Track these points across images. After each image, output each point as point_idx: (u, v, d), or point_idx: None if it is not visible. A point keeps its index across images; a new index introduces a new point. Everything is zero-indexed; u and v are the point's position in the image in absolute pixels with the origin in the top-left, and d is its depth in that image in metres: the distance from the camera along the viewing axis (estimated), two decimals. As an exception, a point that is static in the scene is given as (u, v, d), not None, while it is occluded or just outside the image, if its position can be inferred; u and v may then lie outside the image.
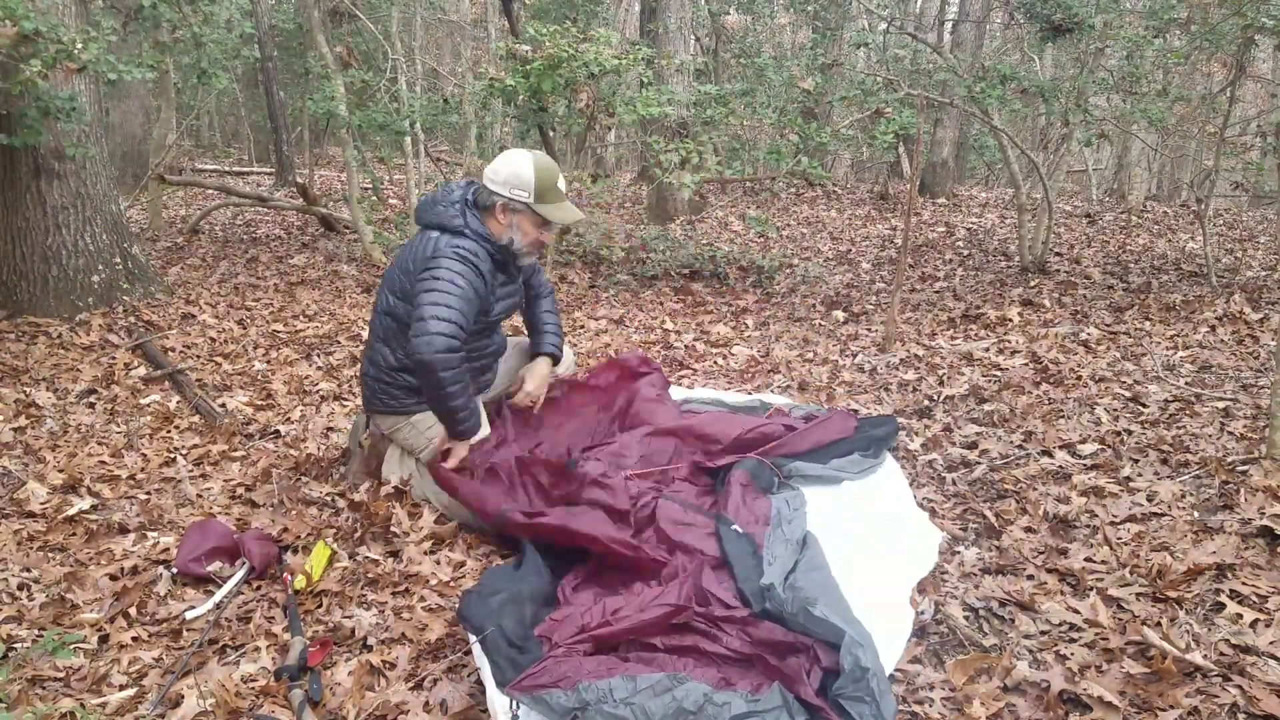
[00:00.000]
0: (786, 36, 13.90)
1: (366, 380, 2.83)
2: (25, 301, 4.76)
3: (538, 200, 2.67)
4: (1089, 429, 3.25)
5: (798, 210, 10.45)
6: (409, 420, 2.80)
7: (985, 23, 10.90)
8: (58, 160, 4.70)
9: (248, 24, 10.17)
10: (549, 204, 2.70)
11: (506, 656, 1.91)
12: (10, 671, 2.00)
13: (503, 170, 2.68)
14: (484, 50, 10.49)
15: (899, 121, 5.92)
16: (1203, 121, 8.16)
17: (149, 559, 2.53)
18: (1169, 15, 5.99)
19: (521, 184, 2.66)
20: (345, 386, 4.10)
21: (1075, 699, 1.84)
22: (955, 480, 2.91)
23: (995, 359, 4.30)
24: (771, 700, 1.77)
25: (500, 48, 5.62)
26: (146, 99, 10.09)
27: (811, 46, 9.81)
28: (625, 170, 14.68)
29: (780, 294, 6.14)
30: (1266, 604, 2.09)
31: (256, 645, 2.14)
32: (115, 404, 3.81)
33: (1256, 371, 3.88)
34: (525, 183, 2.65)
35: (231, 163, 14.92)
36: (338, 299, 5.74)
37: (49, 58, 3.80)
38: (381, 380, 2.78)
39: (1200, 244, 6.54)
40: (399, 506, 2.73)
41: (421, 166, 7.25)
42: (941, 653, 2.05)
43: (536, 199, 2.67)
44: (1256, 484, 2.61)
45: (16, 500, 2.87)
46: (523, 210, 2.69)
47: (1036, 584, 2.26)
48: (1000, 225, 9.10)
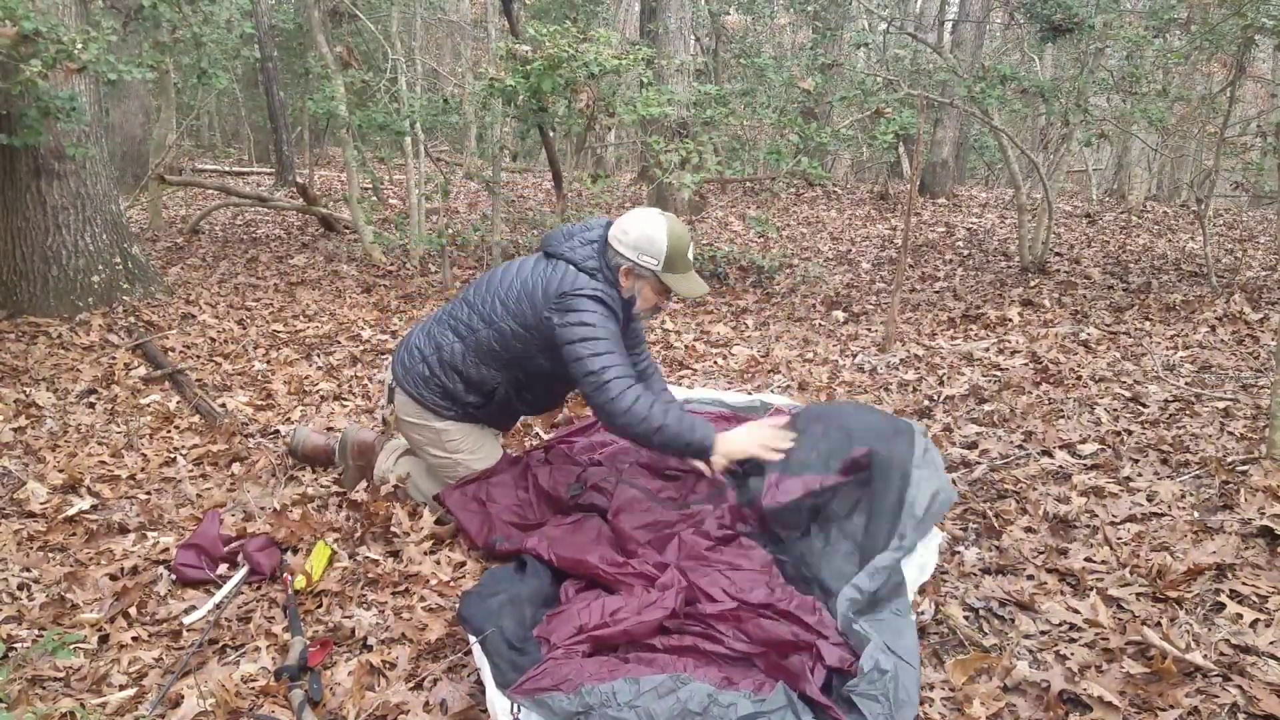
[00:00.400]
0: (786, 36, 13.90)
1: (412, 358, 2.70)
2: (25, 301, 4.76)
3: (665, 270, 2.53)
4: (1089, 429, 3.25)
5: (798, 210, 10.45)
6: (433, 425, 2.70)
7: (985, 23, 10.90)
8: (58, 160, 4.70)
9: (248, 24, 10.17)
10: (677, 274, 2.55)
11: (506, 658, 1.92)
12: (10, 671, 2.00)
13: (633, 232, 2.51)
14: (484, 50, 10.49)
15: (899, 121, 5.92)
16: (1203, 121, 8.16)
17: (149, 559, 2.53)
18: (1169, 15, 5.99)
19: (653, 252, 2.51)
20: (345, 386, 4.10)
21: (1075, 699, 1.84)
22: (955, 480, 2.90)
23: (995, 359, 4.30)
24: (776, 700, 1.77)
25: (500, 48, 5.61)
26: (146, 99, 10.09)
27: (811, 46, 9.82)
28: (625, 170, 14.67)
29: (780, 294, 6.14)
30: (1266, 604, 2.09)
31: (256, 645, 2.14)
32: (115, 404, 3.81)
33: (1256, 371, 3.88)
34: (657, 251, 2.50)
35: (231, 163, 14.92)
36: (338, 299, 5.74)
37: (49, 58, 3.80)
38: (431, 369, 2.66)
39: (1200, 244, 6.54)
40: (399, 506, 2.74)
41: (421, 167, 7.25)
42: (941, 653, 2.05)
43: (665, 268, 2.53)
44: (1256, 484, 2.61)
45: (16, 500, 2.87)
46: (648, 277, 2.55)
47: (1036, 584, 2.26)
48: (1000, 225, 9.10)
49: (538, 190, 11.81)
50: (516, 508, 2.62)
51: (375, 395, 3.96)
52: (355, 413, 3.73)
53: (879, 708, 1.73)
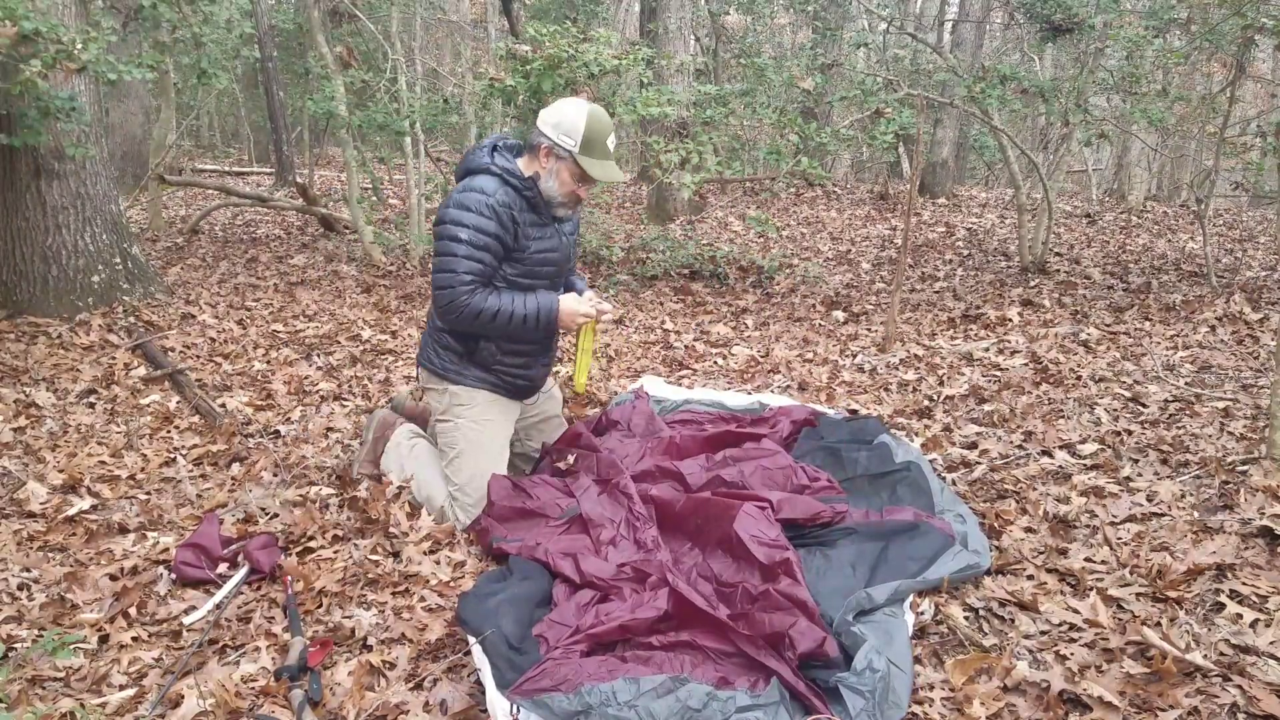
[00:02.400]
0: (786, 36, 13.91)
1: (425, 332, 2.90)
2: (25, 301, 4.76)
3: (582, 151, 2.60)
4: (1089, 429, 3.25)
5: (798, 210, 10.44)
6: (447, 388, 2.80)
7: (985, 23, 10.90)
8: (58, 160, 4.69)
9: (248, 24, 10.18)
10: (593, 158, 2.62)
11: (506, 658, 1.92)
12: (10, 671, 2.00)
13: (555, 114, 2.62)
14: (484, 50, 10.48)
15: (899, 121, 5.92)
16: (1203, 121, 8.16)
17: (149, 559, 2.53)
18: (1169, 15, 6.00)
19: (570, 130, 2.59)
20: (345, 386, 4.10)
21: (1075, 699, 1.84)
22: (955, 480, 2.91)
23: (995, 359, 4.30)
24: (771, 695, 1.80)
25: (500, 48, 5.61)
26: (146, 99, 10.09)
27: (811, 46, 9.82)
28: (625, 170, 14.68)
29: (780, 294, 6.14)
30: (1266, 604, 2.09)
31: (256, 645, 2.14)
32: (115, 404, 3.81)
33: (1256, 371, 3.88)
34: (574, 130, 2.58)
35: (231, 163, 14.92)
36: (338, 299, 5.74)
37: (49, 58, 3.80)
38: (430, 335, 2.85)
39: (1200, 244, 6.54)
40: (398, 507, 2.74)
41: (421, 166, 7.25)
42: (941, 653, 2.05)
43: (582, 149, 2.60)
44: (1256, 484, 2.61)
45: (16, 500, 2.87)
46: (565, 158, 2.62)
47: (1036, 584, 2.26)
48: (1000, 225, 9.10)
49: (538, 190, 11.79)
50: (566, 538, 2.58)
51: (375, 395, 3.96)
52: (355, 413, 3.73)
53: (863, 703, 1.75)
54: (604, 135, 2.61)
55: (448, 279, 2.59)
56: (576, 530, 2.50)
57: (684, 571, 2.28)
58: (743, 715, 1.73)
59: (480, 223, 2.58)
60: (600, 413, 3.24)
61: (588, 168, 2.62)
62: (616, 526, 2.47)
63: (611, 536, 2.42)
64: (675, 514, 2.47)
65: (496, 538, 2.54)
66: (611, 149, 2.66)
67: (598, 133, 2.60)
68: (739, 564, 2.23)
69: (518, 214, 2.64)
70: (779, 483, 2.62)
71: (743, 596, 2.09)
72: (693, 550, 2.38)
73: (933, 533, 2.36)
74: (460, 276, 2.58)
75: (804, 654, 1.88)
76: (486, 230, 2.58)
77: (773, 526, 2.31)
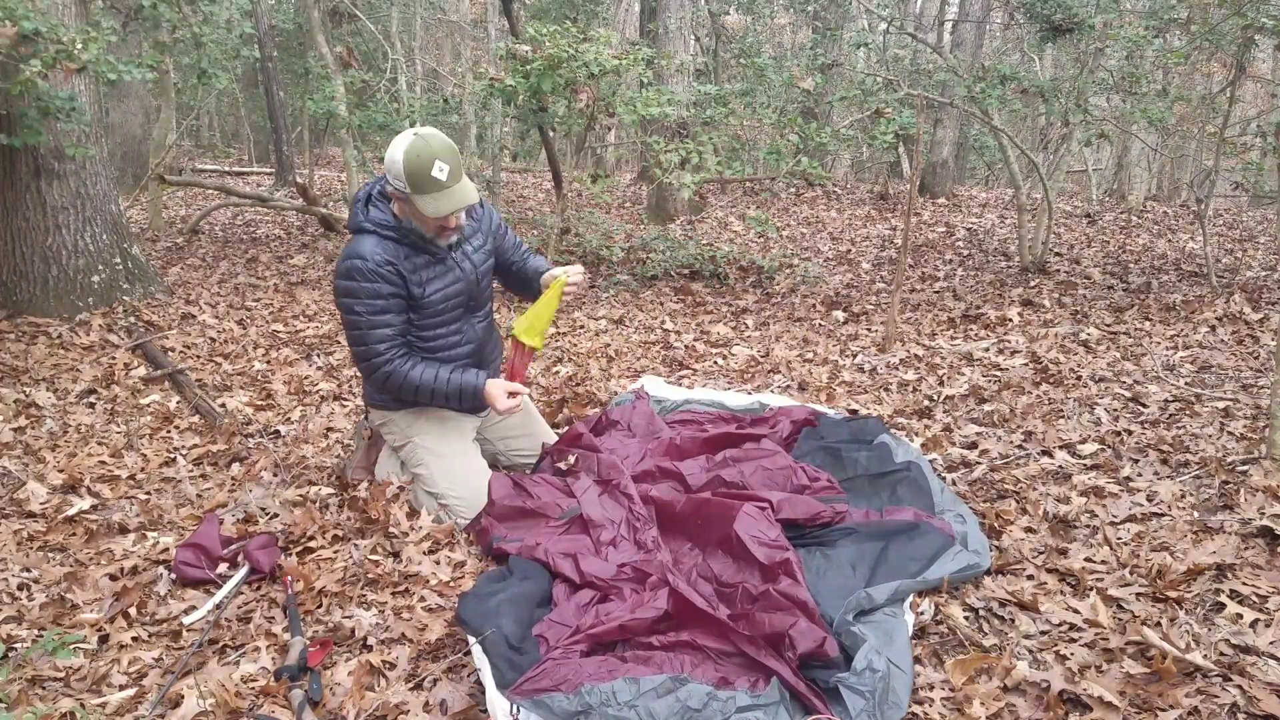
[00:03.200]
0: (786, 36, 13.92)
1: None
2: (25, 301, 4.76)
3: (414, 191, 2.46)
4: (1089, 429, 3.25)
5: (798, 210, 10.45)
6: (392, 417, 2.83)
7: (985, 23, 10.90)
8: (58, 160, 4.70)
9: (248, 24, 10.17)
10: (426, 195, 2.46)
11: (506, 658, 1.92)
12: (10, 671, 2.00)
13: (388, 156, 2.50)
14: (484, 50, 10.48)
15: (899, 121, 5.92)
16: (1203, 121, 8.17)
17: (149, 559, 2.53)
18: (1169, 15, 6.00)
19: (396, 174, 2.47)
20: (345, 386, 4.10)
21: (1075, 699, 1.84)
22: (955, 480, 2.91)
23: (995, 359, 4.30)
24: (771, 696, 1.80)
25: (500, 48, 5.61)
26: (146, 99, 10.10)
27: (811, 46, 9.82)
28: (625, 170, 14.68)
29: (780, 294, 6.14)
30: (1266, 604, 2.09)
31: (256, 645, 2.14)
32: (115, 404, 3.81)
33: (1256, 371, 3.88)
34: (399, 173, 2.46)
35: (231, 163, 14.92)
36: (338, 299, 5.74)
37: (49, 58, 3.80)
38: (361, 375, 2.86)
39: (1200, 244, 6.55)
40: (398, 507, 2.74)
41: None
42: (941, 653, 2.05)
43: (413, 190, 2.46)
44: (1256, 484, 2.61)
45: (16, 500, 2.87)
46: (405, 200, 2.51)
47: (1036, 584, 2.26)
48: (1000, 225, 9.10)
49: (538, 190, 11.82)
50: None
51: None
52: (355, 412, 3.73)
53: (863, 703, 1.75)
54: (427, 168, 2.42)
55: (364, 351, 2.61)
56: (577, 530, 2.50)
57: (684, 572, 2.28)
58: (743, 715, 1.74)
59: (371, 289, 2.53)
60: (600, 413, 3.24)
61: (423, 207, 2.48)
62: (617, 527, 2.47)
63: (612, 537, 2.43)
64: (675, 514, 2.47)
65: (496, 538, 2.54)
66: (444, 174, 2.44)
67: (420, 168, 2.42)
68: (739, 564, 2.23)
69: (403, 265, 2.57)
70: (779, 483, 2.62)
71: (743, 597, 2.09)
72: (693, 550, 2.38)
73: (933, 533, 2.37)
74: (374, 348, 2.59)
75: (804, 654, 1.88)
76: (380, 294, 2.54)
77: (773, 527, 2.31)
